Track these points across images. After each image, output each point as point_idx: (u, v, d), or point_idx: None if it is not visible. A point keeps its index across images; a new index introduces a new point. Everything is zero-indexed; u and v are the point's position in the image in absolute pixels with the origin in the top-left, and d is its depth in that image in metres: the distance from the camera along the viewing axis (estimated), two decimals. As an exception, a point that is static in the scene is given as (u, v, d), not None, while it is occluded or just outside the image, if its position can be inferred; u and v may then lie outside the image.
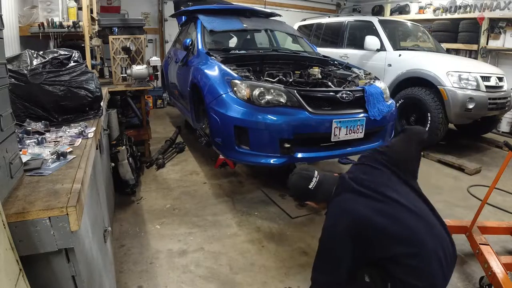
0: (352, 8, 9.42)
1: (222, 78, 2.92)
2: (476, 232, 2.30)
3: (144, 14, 7.21)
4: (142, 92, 3.79)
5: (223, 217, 2.85)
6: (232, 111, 2.69)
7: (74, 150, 1.42)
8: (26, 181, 1.12)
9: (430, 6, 7.33)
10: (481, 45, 6.37)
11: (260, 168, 3.87)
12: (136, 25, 3.98)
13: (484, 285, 2.07)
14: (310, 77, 3.32)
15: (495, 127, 5.52)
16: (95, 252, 1.33)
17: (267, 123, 2.60)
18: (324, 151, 2.85)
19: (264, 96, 2.68)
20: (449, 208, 3.13)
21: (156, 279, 2.09)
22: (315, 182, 1.65)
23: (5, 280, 0.76)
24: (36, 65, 1.76)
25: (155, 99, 7.16)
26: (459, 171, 4.07)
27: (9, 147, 1.06)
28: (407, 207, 1.46)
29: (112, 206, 2.66)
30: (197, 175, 3.68)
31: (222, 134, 2.79)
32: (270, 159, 2.68)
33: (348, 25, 5.91)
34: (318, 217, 2.87)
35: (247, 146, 2.68)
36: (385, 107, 3.05)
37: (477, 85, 4.28)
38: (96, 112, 1.97)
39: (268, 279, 2.12)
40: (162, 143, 4.45)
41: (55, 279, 1.02)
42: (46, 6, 2.90)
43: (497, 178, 2.17)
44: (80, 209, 1.02)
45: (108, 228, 1.70)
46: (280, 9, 8.05)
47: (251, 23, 4.23)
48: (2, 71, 1.07)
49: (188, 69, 3.69)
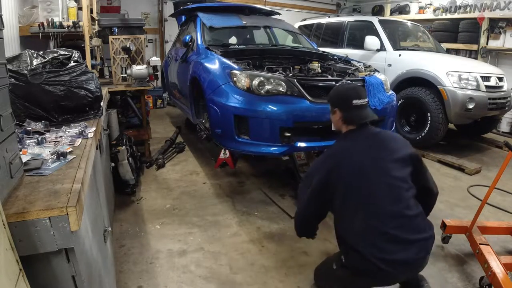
0: (352, 8, 9.42)
1: (222, 70, 2.92)
2: (476, 232, 2.30)
3: (144, 14, 7.21)
4: (142, 92, 3.79)
5: (223, 217, 2.84)
6: (231, 101, 2.69)
7: (74, 150, 1.42)
8: (26, 181, 1.12)
9: (430, 6, 7.33)
10: (481, 45, 6.37)
11: (260, 168, 3.87)
12: (136, 25, 3.98)
13: (484, 285, 2.07)
14: (310, 72, 3.32)
15: (495, 127, 5.52)
16: (95, 252, 1.33)
17: (267, 111, 2.60)
18: (325, 141, 2.84)
19: (264, 86, 2.68)
20: (449, 208, 3.13)
21: (156, 279, 2.09)
22: (361, 103, 1.69)
23: (5, 280, 0.76)
24: (36, 65, 1.76)
25: (155, 99, 7.16)
26: (459, 171, 4.07)
27: (9, 147, 1.06)
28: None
29: (112, 206, 2.66)
30: (197, 175, 3.68)
31: (222, 124, 2.79)
32: (271, 148, 2.68)
33: (348, 25, 5.91)
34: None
35: (247, 135, 2.69)
36: (386, 97, 3.05)
37: (477, 85, 4.28)
38: (96, 112, 1.96)
39: (268, 279, 2.12)
40: (162, 143, 4.45)
41: (55, 279, 1.02)
42: (46, 6, 2.90)
43: (497, 178, 2.17)
44: (80, 209, 1.02)
45: (108, 228, 1.70)
46: (280, 9, 8.05)
47: (251, 20, 4.24)
48: (2, 71, 1.07)
49: (188, 65, 3.70)
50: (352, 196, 1.56)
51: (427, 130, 4.41)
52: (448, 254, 2.44)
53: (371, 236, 1.50)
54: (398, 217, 1.51)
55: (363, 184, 1.54)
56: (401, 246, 1.49)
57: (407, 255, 1.50)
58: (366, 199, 1.54)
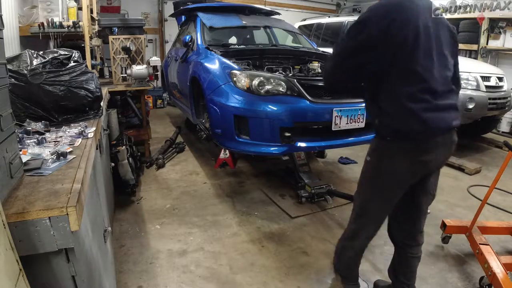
0: (352, 8, 9.42)
1: (222, 70, 2.93)
2: (476, 232, 2.30)
3: (144, 14, 7.22)
4: (142, 92, 3.80)
5: (223, 217, 2.85)
6: (231, 101, 2.70)
7: (74, 150, 1.42)
8: (26, 181, 1.12)
9: (430, 6, 7.32)
10: (481, 45, 6.36)
11: (260, 168, 3.88)
12: (136, 25, 3.98)
13: (484, 285, 2.07)
14: (310, 72, 3.33)
15: (495, 127, 5.52)
16: (95, 252, 1.33)
17: (267, 111, 2.61)
18: (325, 140, 2.84)
19: (263, 86, 2.68)
20: (449, 208, 3.13)
21: (156, 279, 2.09)
22: None
23: (5, 280, 0.76)
24: (36, 65, 1.76)
25: (155, 99, 7.17)
26: (459, 171, 4.07)
27: (9, 147, 1.06)
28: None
29: (112, 206, 2.66)
30: (197, 175, 3.68)
31: (222, 124, 2.79)
32: (271, 148, 2.68)
33: (348, 25, 5.91)
34: (319, 217, 2.87)
35: (247, 135, 2.69)
36: None
37: (477, 85, 4.28)
38: (96, 112, 1.96)
39: (268, 279, 2.12)
40: (162, 143, 4.45)
41: (55, 279, 1.02)
42: (46, 6, 2.90)
43: (497, 178, 2.17)
44: (80, 209, 1.02)
45: (108, 228, 1.70)
46: (280, 9, 8.05)
47: (251, 20, 4.25)
48: (2, 71, 1.07)
49: (188, 64, 3.71)
50: (403, 57, 1.40)
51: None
52: (448, 254, 2.44)
53: (419, 94, 1.41)
54: (446, 83, 1.48)
55: (417, 46, 1.39)
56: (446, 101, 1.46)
57: (449, 114, 1.47)
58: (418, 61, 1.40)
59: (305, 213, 2.91)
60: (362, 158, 1.72)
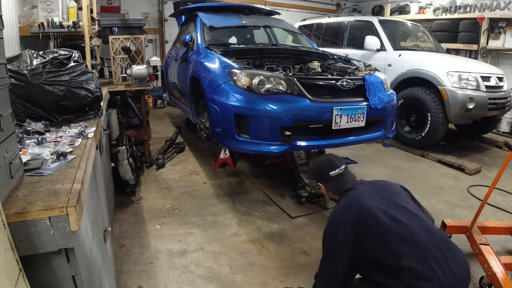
0: (352, 8, 9.42)
1: (222, 69, 2.92)
2: (476, 232, 2.30)
3: (144, 14, 7.22)
4: (142, 92, 3.79)
5: (223, 217, 2.85)
6: (232, 100, 2.69)
7: (74, 150, 1.42)
8: (26, 181, 1.12)
9: (430, 6, 7.33)
10: (481, 45, 6.37)
11: (260, 168, 3.87)
12: (136, 25, 3.98)
13: (484, 285, 2.07)
14: (310, 71, 3.33)
15: (495, 127, 5.52)
16: (95, 252, 1.33)
17: (267, 110, 2.60)
18: (325, 140, 2.84)
19: (264, 84, 2.68)
20: (449, 208, 3.13)
21: (156, 279, 2.09)
22: (337, 172, 1.71)
23: (5, 280, 0.76)
24: (36, 65, 1.76)
25: (155, 99, 7.16)
26: (459, 171, 4.07)
27: (9, 147, 1.06)
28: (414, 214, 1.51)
29: (112, 206, 2.66)
30: (197, 175, 3.68)
31: (222, 123, 2.79)
32: (271, 147, 2.67)
33: (348, 25, 5.91)
34: (318, 217, 2.87)
35: (247, 134, 2.68)
36: (386, 96, 3.04)
37: (477, 85, 4.28)
38: (96, 112, 1.96)
39: (268, 279, 2.12)
40: (162, 143, 4.45)
41: (55, 279, 1.02)
42: (46, 6, 2.90)
43: (497, 178, 2.17)
44: (80, 209, 1.02)
45: (108, 228, 1.70)
46: (280, 9, 8.05)
47: (251, 20, 4.25)
48: (2, 71, 1.07)
49: (188, 64, 3.71)
50: (388, 236, 1.43)
51: (427, 130, 4.41)
52: (448, 254, 2.44)
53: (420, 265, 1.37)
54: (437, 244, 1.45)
55: (392, 222, 1.44)
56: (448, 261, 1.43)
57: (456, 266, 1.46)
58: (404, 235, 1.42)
59: (305, 213, 2.91)
60: (362, 158, 1.73)
